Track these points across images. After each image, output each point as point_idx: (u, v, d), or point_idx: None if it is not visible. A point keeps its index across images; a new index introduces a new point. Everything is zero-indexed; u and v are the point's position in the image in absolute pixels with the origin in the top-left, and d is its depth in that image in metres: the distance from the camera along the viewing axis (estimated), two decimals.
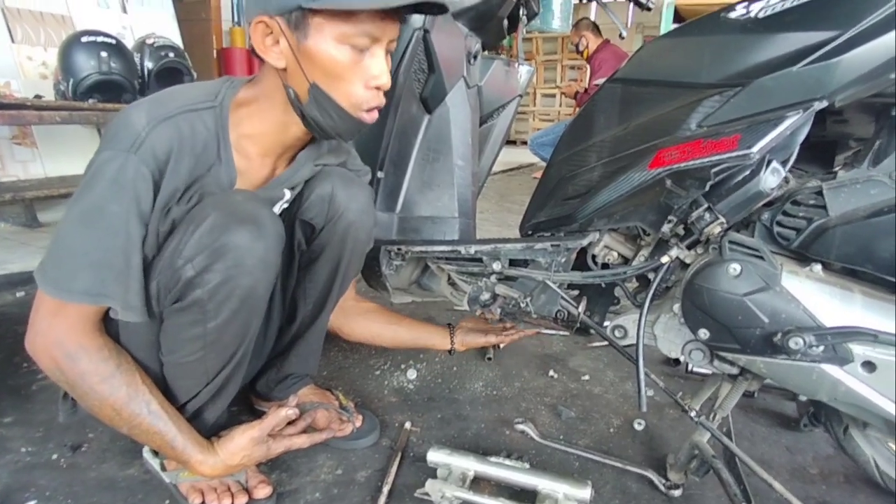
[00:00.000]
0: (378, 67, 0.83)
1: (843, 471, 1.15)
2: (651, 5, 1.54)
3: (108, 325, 0.85)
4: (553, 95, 6.98)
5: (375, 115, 0.89)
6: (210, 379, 0.91)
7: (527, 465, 1.01)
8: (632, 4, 1.60)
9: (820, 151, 1.12)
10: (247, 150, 0.89)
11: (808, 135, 1.10)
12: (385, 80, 0.85)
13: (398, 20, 0.84)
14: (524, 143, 6.62)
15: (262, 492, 0.96)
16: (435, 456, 1.02)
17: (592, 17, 5.29)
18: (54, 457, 1.07)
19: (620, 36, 1.75)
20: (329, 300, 1.11)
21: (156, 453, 0.99)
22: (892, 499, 1.07)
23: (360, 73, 0.83)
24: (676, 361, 1.53)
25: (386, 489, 1.01)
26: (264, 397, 1.20)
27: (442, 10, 0.86)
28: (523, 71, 1.62)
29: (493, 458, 1.02)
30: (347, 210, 1.03)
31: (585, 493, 0.95)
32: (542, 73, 6.88)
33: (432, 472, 1.02)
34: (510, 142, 7.28)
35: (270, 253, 0.84)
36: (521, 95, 1.63)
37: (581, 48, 4.34)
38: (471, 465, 1.01)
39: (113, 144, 0.77)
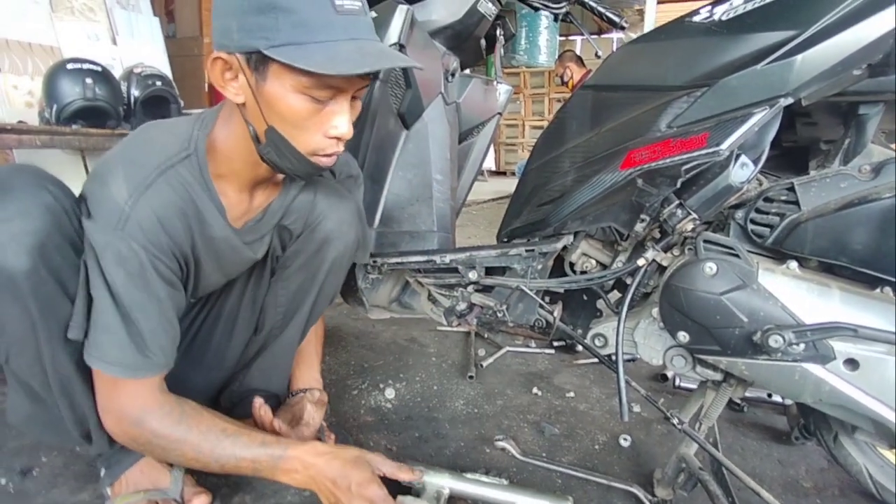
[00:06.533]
0: (339, 119, 0.79)
1: (838, 483, 1.11)
2: (625, 24, 1.57)
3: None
4: (541, 127, 7.11)
5: (334, 159, 0.85)
6: (37, 390, 0.86)
7: (505, 482, 0.97)
8: (615, 38, 1.63)
9: (794, 159, 1.13)
10: (224, 190, 0.88)
11: (781, 140, 1.12)
12: (344, 132, 0.80)
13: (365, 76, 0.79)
14: (514, 174, 6.69)
15: (198, 501, 0.93)
16: None
17: (578, 51, 5.44)
18: (2, 482, 1.01)
19: (597, 55, 1.78)
20: (300, 312, 1.07)
21: (107, 480, 0.95)
22: None
23: (319, 123, 0.79)
24: (664, 378, 1.50)
25: None
26: (227, 413, 1.14)
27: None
28: (502, 90, 1.64)
29: (469, 475, 0.98)
30: (327, 219, 1.01)
31: None
32: (530, 106, 7.02)
33: (406, 491, 0.97)
34: (500, 172, 7.38)
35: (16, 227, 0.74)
36: (500, 114, 1.64)
37: (566, 79, 4.44)
38: (445, 481, 0.96)
39: (99, 222, 0.78)
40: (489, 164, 6.89)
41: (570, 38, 7.66)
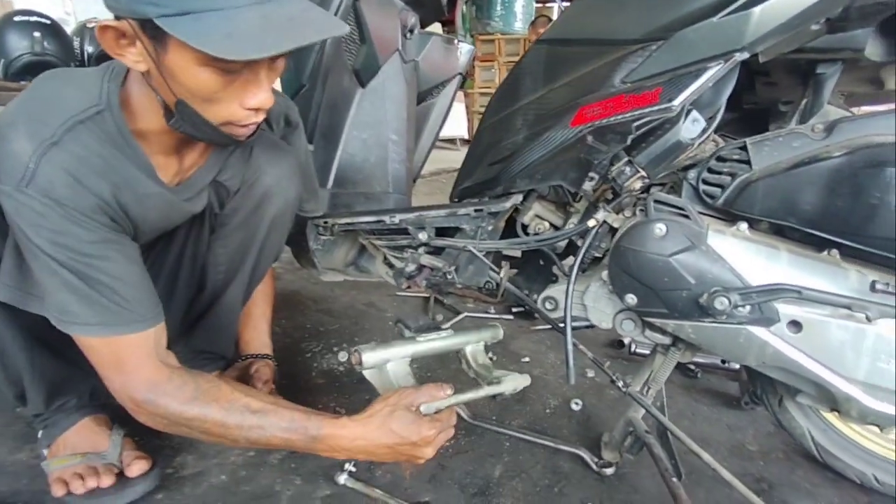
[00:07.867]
0: (255, 89, 0.72)
1: (783, 447, 1.12)
2: None
3: None
4: None
5: (252, 129, 0.77)
6: None
7: (451, 331, 0.97)
8: None
9: (755, 121, 1.11)
10: (148, 149, 0.80)
11: (741, 101, 1.09)
12: (263, 101, 0.73)
13: None
14: None
15: (137, 467, 0.89)
16: (371, 357, 0.90)
17: (554, 18, 5.33)
18: None
19: None
20: (241, 271, 1.03)
21: (45, 442, 0.92)
22: (828, 474, 1.04)
23: (233, 94, 0.71)
24: (621, 344, 1.50)
25: None
26: None
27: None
28: (463, 49, 1.58)
29: (420, 338, 0.94)
30: (266, 175, 0.97)
31: (498, 332, 1.02)
32: (505, 75, 6.90)
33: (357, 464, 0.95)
34: None
35: None
36: (461, 74, 1.59)
37: None
38: (407, 350, 0.92)
39: (4, 182, 0.70)
40: (462, 132, 6.71)
41: (548, 4, 7.49)
